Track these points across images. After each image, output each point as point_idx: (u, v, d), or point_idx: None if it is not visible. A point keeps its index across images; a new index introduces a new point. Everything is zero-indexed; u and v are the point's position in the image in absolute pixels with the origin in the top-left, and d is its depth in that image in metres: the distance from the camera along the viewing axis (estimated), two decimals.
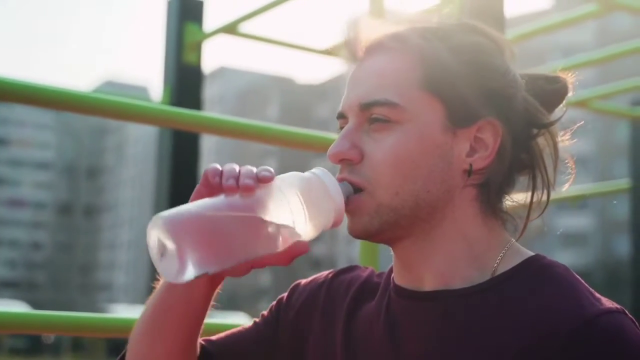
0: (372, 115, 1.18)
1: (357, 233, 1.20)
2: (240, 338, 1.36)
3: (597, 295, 1.13)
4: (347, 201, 1.17)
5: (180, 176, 2.85)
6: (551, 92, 1.26)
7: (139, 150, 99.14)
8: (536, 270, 1.16)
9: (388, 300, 1.25)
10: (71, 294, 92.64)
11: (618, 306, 1.11)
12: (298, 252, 1.13)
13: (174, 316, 1.23)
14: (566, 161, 1.27)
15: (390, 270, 1.30)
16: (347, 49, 1.26)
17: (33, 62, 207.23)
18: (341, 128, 1.24)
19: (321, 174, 1.14)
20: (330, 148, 1.20)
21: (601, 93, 3.53)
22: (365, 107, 1.18)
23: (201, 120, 2.17)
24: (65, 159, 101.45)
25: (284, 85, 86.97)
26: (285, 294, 1.41)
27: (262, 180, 1.08)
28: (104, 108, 1.95)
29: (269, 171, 1.10)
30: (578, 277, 1.16)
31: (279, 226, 1.09)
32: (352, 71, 1.25)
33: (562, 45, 58.36)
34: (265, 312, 1.41)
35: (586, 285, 1.15)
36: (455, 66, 1.17)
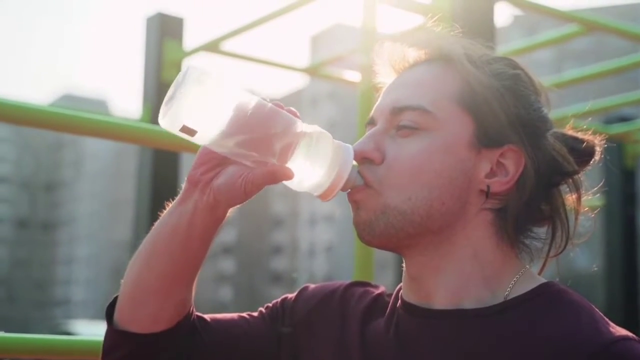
0: (401, 122, 1.18)
1: (361, 227, 1.19)
2: (233, 324, 1.32)
3: (612, 323, 1.14)
4: (353, 189, 1.18)
5: (160, 193, 2.83)
6: (579, 151, 1.25)
7: (96, 165, 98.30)
8: (552, 296, 1.16)
9: (397, 317, 1.24)
10: (28, 309, 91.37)
11: (630, 334, 1.12)
12: (283, 176, 1.13)
13: (174, 238, 1.20)
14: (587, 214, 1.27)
15: (399, 289, 1.29)
16: (391, 62, 1.27)
17: None
18: None
19: (345, 145, 1.17)
20: (354, 145, 1.20)
21: (575, 112, 3.56)
22: (397, 111, 1.19)
23: (179, 138, 2.15)
24: (22, 173, 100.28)
25: None
26: (291, 295, 1.39)
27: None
28: (84, 126, 1.91)
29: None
30: (592, 304, 1.17)
31: (287, 137, 1.12)
32: (391, 82, 1.27)
33: (521, 61, 58.96)
34: (262, 309, 1.38)
35: (600, 312, 1.16)
36: (493, 87, 1.19)
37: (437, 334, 1.16)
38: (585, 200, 1.25)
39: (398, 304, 1.25)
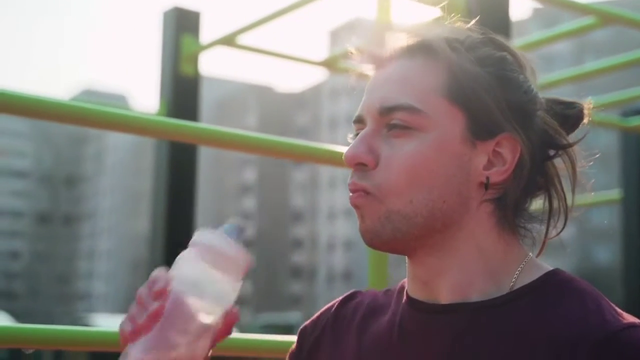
0: (392, 120, 1.15)
1: (368, 236, 1.17)
2: None
3: (619, 310, 1.13)
4: (357, 197, 1.16)
5: (177, 186, 2.84)
6: (567, 117, 1.25)
7: (117, 159, 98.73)
8: (557, 285, 1.15)
9: (401, 314, 1.23)
10: (50, 303, 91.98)
11: (638, 320, 1.10)
12: (233, 321, 1.09)
13: None
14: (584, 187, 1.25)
15: (402, 286, 1.29)
16: (371, 53, 1.23)
17: (3, 69, 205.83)
18: (357, 133, 1.21)
19: (205, 241, 1.11)
20: (346, 150, 1.17)
21: (594, 104, 3.54)
22: (386, 112, 1.16)
23: (197, 131, 2.16)
24: (43, 168, 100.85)
25: (263, 94, 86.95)
26: (294, 345, 1.39)
27: (159, 295, 1.05)
28: (100, 119, 1.92)
29: (162, 281, 1.06)
30: (599, 292, 1.16)
31: (204, 322, 1.07)
32: (374, 75, 1.23)
33: (540, 55, 58.68)
34: None
35: (607, 300, 1.15)
36: (480, 76, 1.16)
37: (443, 329, 1.16)
38: (580, 170, 1.23)
39: (403, 300, 1.25)
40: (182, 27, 2.95)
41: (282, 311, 61.78)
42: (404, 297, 1.25)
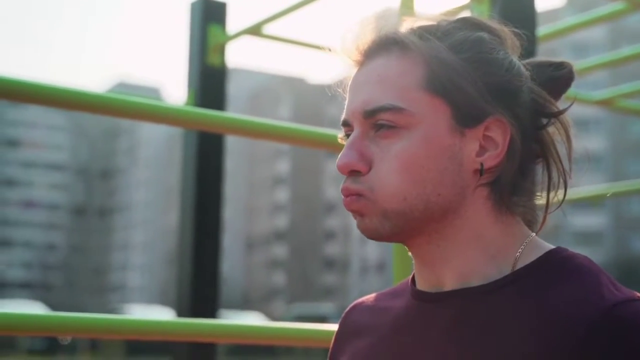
0: (378, 121, 1.15)
1: (368, 234, 1.18)
2: None
3: (619, 285, 1.12)
4: (350, 201, 1.17)
5: (205, 177, 2.85)
6: (557, 78, 1.24)
7: (151, 152, 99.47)
8: (557, 263, 1.15)
9: (406, 306, 1.24)
10: (85, 295, 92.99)
11: (638, 294, 1.09)
12: None
13: None
14: (579, 156, 1.24)
15: (407, 282, 1.29)
16: (345, 53, 1.23)
17: (39, 62, 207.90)
18: (346, 135, 1.22)
19: None
20: (338, 159, 1.18)
21: (626, 92, 3.51)
22: (370, 114, 1.15)
23: (225, 121, 2.17)
24: (78, 161, 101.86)
25: (295, 85, 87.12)
26: None
27: None
28: (129, 109, 1.95)
29: None
30: (600, 267, 1.15)
31: None
32: (353, 76, 1.22)
33: (574, 42, 58.21)
34: None
35: (608, 275, 1.14)
36: (456, 64, 1.15)
37: (443, 315, 1.16)
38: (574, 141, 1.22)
39: (410, 293, 1.25)
40: (208, 17, 2.95)
41: (315, 302, 61.96)
42: (410, 289, 1.25)
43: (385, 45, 1.19)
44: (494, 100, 1.15)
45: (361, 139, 1.17)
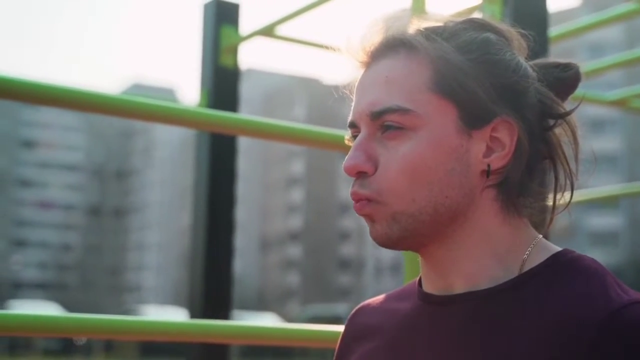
0: (385, 123, 1.15)
1: (380, 240, 1.18)
2: None
3: (625, 287, 1.12)
4: (361, 206, 1.17)
5: (218, 178, 2.86)
6: (564, 79, 1.23)
7: (166, 152, 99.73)
8: (563, 265, 1.15)
9: (413, 309, 1.24)
10: (100, 295, 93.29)
11: None
12: None
13: None
14: (587, 157, 1.24)
15: (414, 284, 1.29)
16: (352, 54, 1.23)
17: (54, 64, 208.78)
18: (353, 136, 1.22)
19: None
20: (345, 160, 1.18)
21: (639, 92, 3.50)
22: (377, 116, 1.16)
23: (238, 122, 2.18)
24: (93, 161, 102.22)
25: (310, 85, 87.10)
26: None
27: None
28: (141, 111, 1.96)
29: None
30: (606, 269, 1.15)
31: None
32: (360, 77, 1.23)
33: (590, 42, 57.96)
34: None
35: (614, 277, 1.13)
36: (463, 66, 1.15)
37: (451, 318, 1.16)
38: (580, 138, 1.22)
39: (417, 296, 1.25)
40: (221, 18, 2.96)
41: (330, 303, 61.94)
42: (418, 293, 1.25)
43: (392, 47, 1.19)
44: (501, 101, 1.16)
45: (368, 141, 1.17)
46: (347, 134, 1.25)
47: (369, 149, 1.16)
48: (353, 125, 1.21)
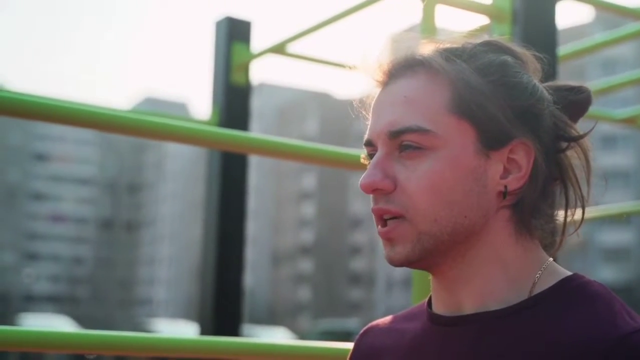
0: (403, 142, 1.15)
1: (398, 262, 1.18)
2: None
3: (634, 313, 1.12)
4: (389, 232, 1.16)
5: (229, 193, 2.88)
6: (576, 102, 1.25)
7: (178, 166, 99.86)
8: (572, 290, 1.15)
9: (423, 330, 1.24)
10: (112, 308, 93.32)
11: None
12: None
13: None
14: (598, 178, 1.24)
15: (423, 305, 1.29)
16: (369, 73, 1.23)
17: (68, 78, 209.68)
18: (369, 155, 1.22)
19: None
20: (362, 178, 1.18)
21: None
22: (395, 135, 1.16)
23: (248, 141, 2.18)
24: (106, 175, 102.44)
25: (322, 100, 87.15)
26: None
27: None
28: (150, 129, 1.96)
29: None
30: (614, 295, 1.15)
31: None
32: (377, 96, 1.23)
33: (602, 59, 57.83)
34: None
35: (623, 303, 1.14)
36: (483, 88, 1.16)
37: (460, 339, 1.16)
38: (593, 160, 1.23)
39: (426, 317, 1.25)
40: (233, 36, 2.98)
41: (341, 317, 61.77)
42: (426, 314, 1.25)
43: (411, 66, 1.20)
44: (519, 123, 1.17)
45: (386, 159, 1.17)
46: (362, 153, 1.25)
47: (387, 167, 1.17)
48: (370, 144, 1.21)
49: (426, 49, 1.22)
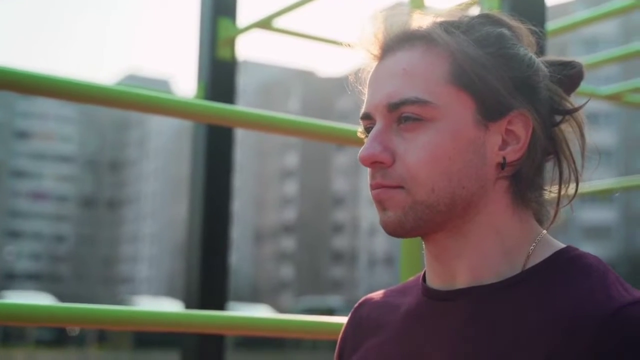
0: (402, 114, 1.15)
1: (391, 228, 1.18)
2: None
3: (627, 285, 1.13)
4: (381, 193, 1.17)
5: (215, 169, 2.86)
6: (568, 77, 1.25)
7: (160, 143, 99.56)
8: (566, 262, 1.16)
9: (417, 304, 1.24)
10: (93, 286, 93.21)
11: None
12: None
13: None
14: (591, 152, 1.24)
15: (417, 279, 1.30)
16: (367, 46, 1.23)
17: (50, 55, 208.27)
18: (366, 129, 1.22)
19: None
20: (361, 151, 1.18)
21: (635, 86, 3.50)
22: (394, 107, 1.16)
23: (234, 114, 2.17)
24: (87, 152, 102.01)
25: (305, 78, 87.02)
26: None
27: None
28: (136, 102, 1.95)
29: None
30: (609, 267, 1.16)
31: None
32: (374, 69, 1.23)
33: (585, 37, 57.97)
34: None
35: (616, 275, 1.14)
36: (482, 59, 1.16)
37: (454, 313, 1.17)
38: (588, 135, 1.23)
39: (420, 291, 1.25)
40: (219, 11, 2.95)
41: (323, 295, 61.98)
42: (420, 288, 1.26)
43: (409, 39, 1.20)
44: (517, 94, 1.17)
45: (384, 132, 1.17)
46: (359, 127, 1.25)
47: (386, 140, 1.17)
48: (367, 117, 1.21)
49: (423, 21, 1.22)
